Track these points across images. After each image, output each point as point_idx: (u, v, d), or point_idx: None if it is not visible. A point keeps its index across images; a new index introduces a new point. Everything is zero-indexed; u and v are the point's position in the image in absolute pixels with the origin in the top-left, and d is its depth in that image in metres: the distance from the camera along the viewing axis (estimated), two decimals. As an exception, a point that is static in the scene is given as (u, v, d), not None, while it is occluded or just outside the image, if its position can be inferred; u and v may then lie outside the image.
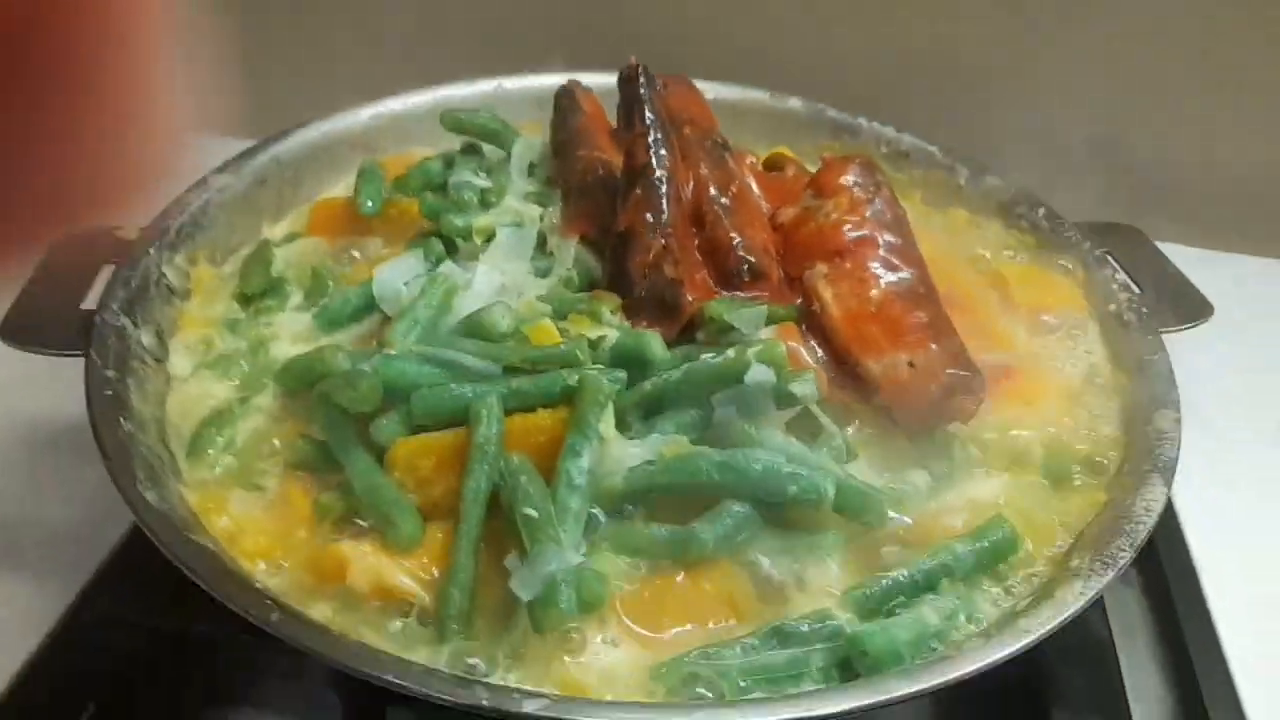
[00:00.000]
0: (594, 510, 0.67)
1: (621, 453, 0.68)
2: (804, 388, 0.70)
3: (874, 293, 0.78)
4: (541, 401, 0.70)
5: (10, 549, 0.89)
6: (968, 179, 1.08)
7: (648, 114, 0.88)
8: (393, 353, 0.74)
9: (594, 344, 0.75)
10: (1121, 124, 1.29)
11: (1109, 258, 0.95)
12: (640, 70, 0.92)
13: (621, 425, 0.71)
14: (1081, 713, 0.72)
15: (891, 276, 0.80)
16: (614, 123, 1.01)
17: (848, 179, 0.87)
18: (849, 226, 0.83)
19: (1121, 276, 0.92)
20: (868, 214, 0.84)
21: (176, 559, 0.61)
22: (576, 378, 0.69)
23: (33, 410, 1.02)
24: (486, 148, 1.05)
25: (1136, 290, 0.91)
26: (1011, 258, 0.98)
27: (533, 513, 0.63)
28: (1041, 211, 1.01)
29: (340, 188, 1.06)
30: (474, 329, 0.77)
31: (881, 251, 0.82)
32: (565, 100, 0.99)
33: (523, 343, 0.75)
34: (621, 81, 0.94)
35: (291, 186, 1.03)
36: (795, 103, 1.18)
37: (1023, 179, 1.07)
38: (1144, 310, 0.88)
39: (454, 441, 0.69)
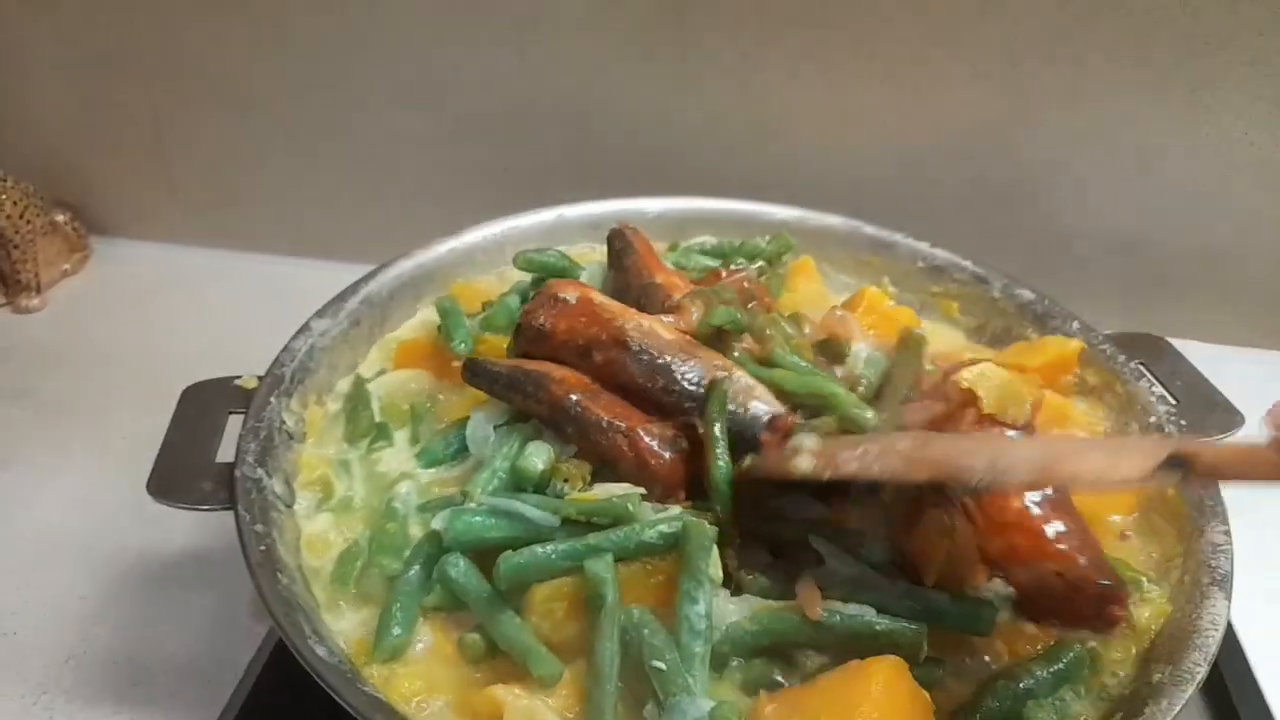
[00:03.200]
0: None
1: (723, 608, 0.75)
2: None
3: (1014, 503, 0.80)
4: (643, 552, 0.76)
5: (139, 683, 0.96)
6: (1001, 290, 1.17)
7: None
8: (465, 505, 0.82)
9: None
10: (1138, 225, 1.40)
11: (1143, 369, 1.04)
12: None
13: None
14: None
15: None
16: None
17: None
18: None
19: (1158, 389, 1.01)
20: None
21: (360, 715, 0.67)
22: (679, 524, 0.76)
23: (139, 544, 1.08)
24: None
25: (1173, 402, 1.00)
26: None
27: (661, 665, 0.70)
28: (1075, 325, 1.10)
29: (415, 319, 1.14)
30: (518, 477, 0.84)
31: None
32: (618, 241, 1.07)
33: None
34: None
35: (379, 322, 1.11)
36: (833, 220, 1.27)
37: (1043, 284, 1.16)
38: (1183, 423, 0.97)
39: (583, 584, 0.76)
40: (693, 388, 0.85)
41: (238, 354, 1.01)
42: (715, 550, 0.75)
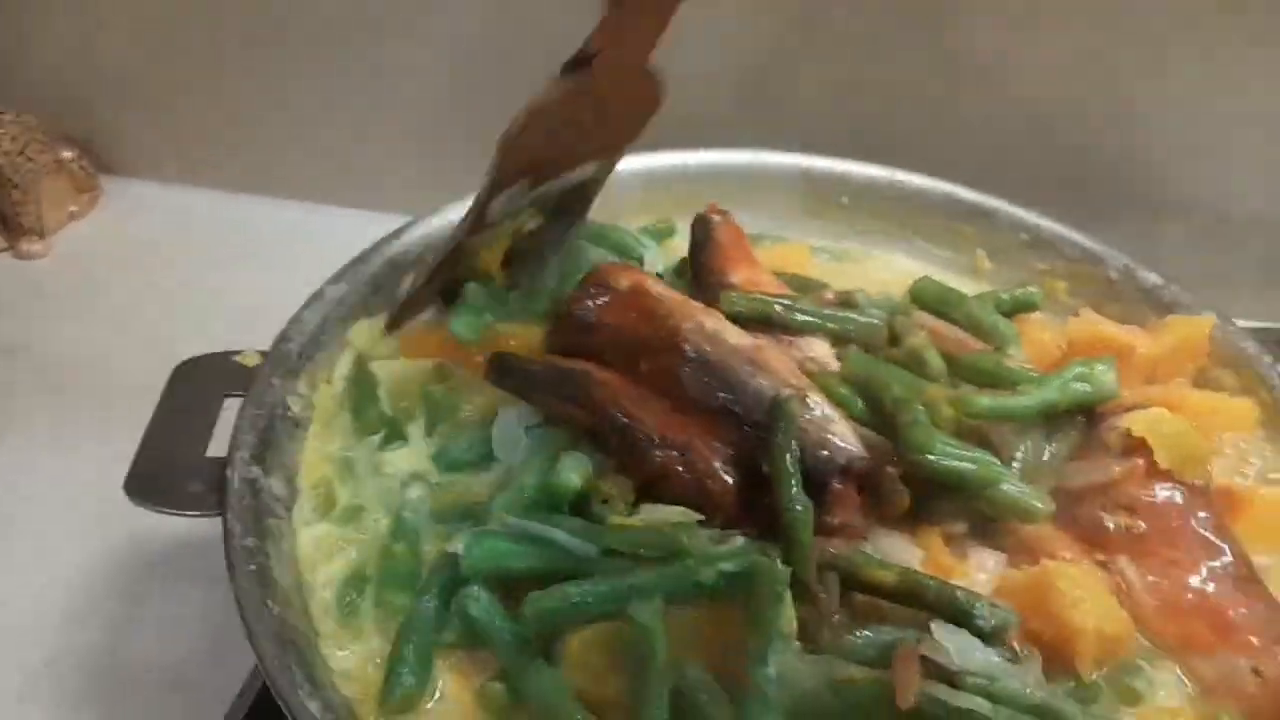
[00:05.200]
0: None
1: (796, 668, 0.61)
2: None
3: (1191, 579, 0.69)
4: (699, 594, 0.63)
5: (125, 690, 0.86)
6: (1119, 272, 1.01)
7: None
8: (487, 527, 0.69)
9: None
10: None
11: (1295, 371, 0.88)
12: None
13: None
14: None
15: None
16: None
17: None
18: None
19: (1317, 397, 0.85)
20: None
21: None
22: (745, 563, 0.62)
23: (134, 528, 0.97)
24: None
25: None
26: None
27: (724, 747, 0.57)
28: (1209, 316, 0.94)
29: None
30: (549, 494, 0.70)
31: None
32: (698, 231, 0.92)
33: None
34: None
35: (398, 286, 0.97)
36: (925, 182, 1.10)
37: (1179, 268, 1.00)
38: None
39: (626, 631, 0.63)
40: (757, 409, 0.70)
41: (257, 310, 0.87)
42: (789, 598, 0.62)
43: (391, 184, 1.37)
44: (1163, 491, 0.74)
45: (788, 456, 0.67)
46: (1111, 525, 0.73)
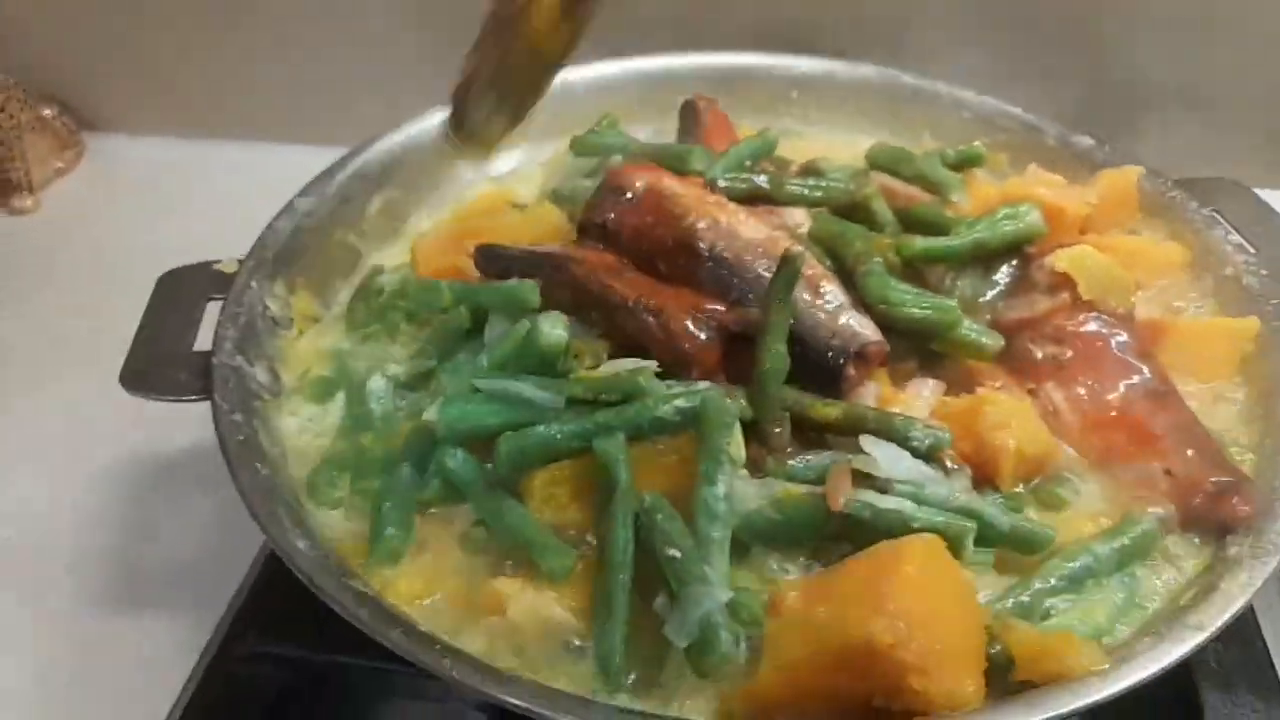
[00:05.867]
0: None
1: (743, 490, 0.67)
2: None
3: (1111, 396, 0.74)
4: (657, 430, 0.69)
5: (142, 586, 0.92)
6: (1056, 139, 1.05)
7: None
8: (455, 393, 0.74)
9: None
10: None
11: (1217, 216, 0.93)
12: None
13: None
14: (1233, 688, 0.71)
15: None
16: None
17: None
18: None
19: (1235, 238, 0.90)
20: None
21: (343, 609, 0.62)
22: (697, 399, 0.68)
23: (142, 442, 1.03)
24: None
25: (1253, 250, 0.89)
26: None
27: (675, 553, 0.63)
28: (1140, 170, 0.98)
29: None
30: (528, 353, 0.74)
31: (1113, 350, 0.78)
32: (686, 117, 0.99)
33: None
34: None
35: (380, 201, 1.02)
36: (866, 70, 1.14)
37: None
38: (1263, 273, 0.86)
39: (586, 467, 0.69)
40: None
41: (243, 244, 0.93)
42: (738, 427, 0.67)
43: (368, 121, 1.40)
44: (1087, 322, 0.79)
45: (778, 307, 0.71)
46: (1040, 355, 0.79)
